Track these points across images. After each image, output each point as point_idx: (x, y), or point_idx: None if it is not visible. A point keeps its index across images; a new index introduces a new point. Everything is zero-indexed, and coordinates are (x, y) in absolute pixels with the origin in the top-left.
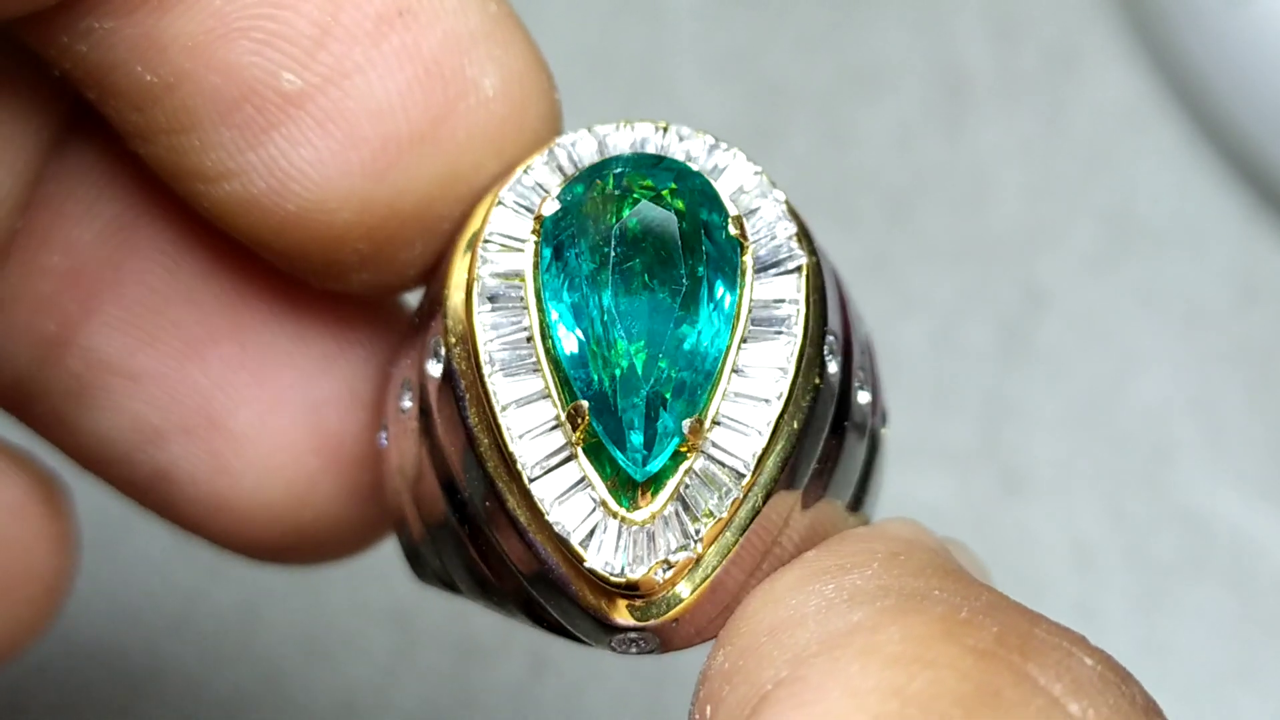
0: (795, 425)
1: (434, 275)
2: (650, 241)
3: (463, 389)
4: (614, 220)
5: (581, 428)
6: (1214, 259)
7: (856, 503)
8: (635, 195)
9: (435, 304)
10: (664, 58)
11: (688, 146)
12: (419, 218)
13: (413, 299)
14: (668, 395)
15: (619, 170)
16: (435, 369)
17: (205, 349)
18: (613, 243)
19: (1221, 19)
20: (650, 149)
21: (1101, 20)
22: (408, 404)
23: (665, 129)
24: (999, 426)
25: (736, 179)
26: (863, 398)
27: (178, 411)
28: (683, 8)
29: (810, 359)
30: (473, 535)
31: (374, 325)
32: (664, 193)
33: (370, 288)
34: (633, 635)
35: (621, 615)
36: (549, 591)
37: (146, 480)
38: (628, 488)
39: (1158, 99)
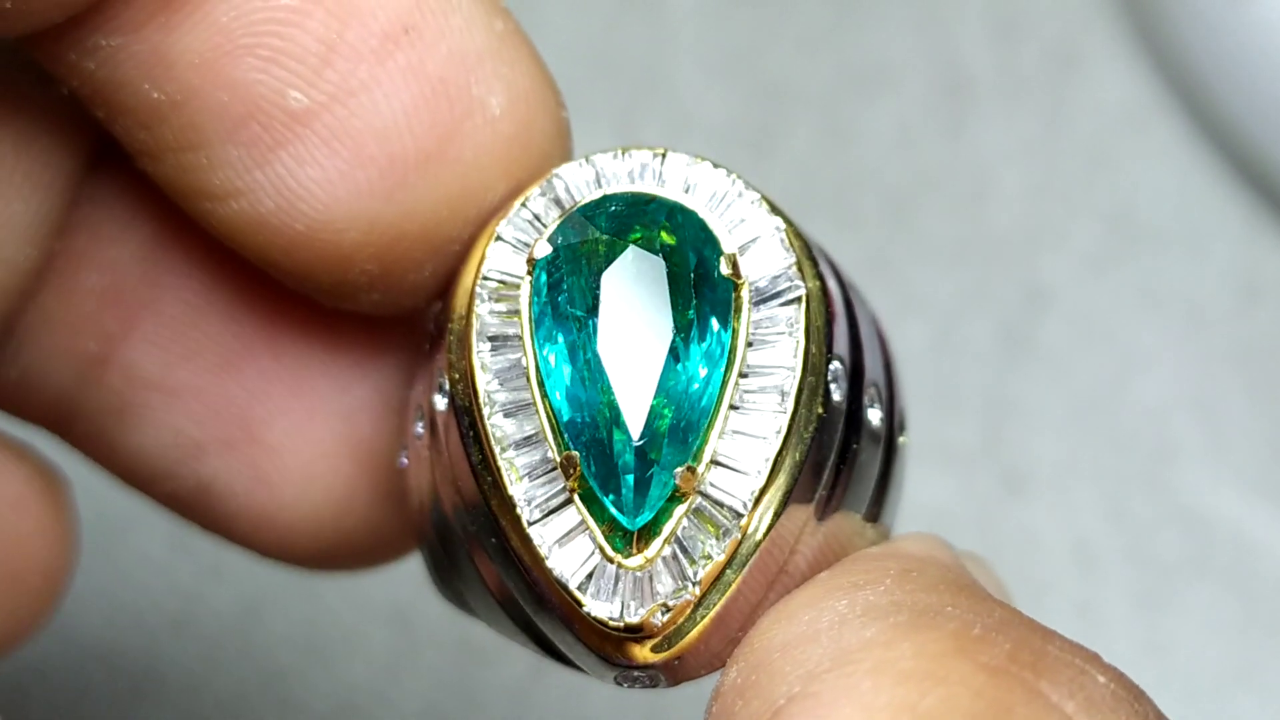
0: (797, 457)
1: (442, 303)
2: (641, 283)
3: (466, 425)
4: (604, 263)
5: (574, 476)
6: (1215, 259)
7: (874, 515)
8: (627, 238)
9: (439, 336)
10: (665, 58)
11: (686, 174)
12: (427, 238)
13: None
14: (663, 436)
15: (612, 209)
16: (441, 402)
17: (242, 361)
18: (603, 286)
19: (1223, 19)
20: (647, 176)
21: (1102, 20)
22: (420, 430)
23: (663, 155)
24: (1000, 426)
25: (736, 209)
26: (874, 416)
27: (217, 425)
28: (684, 8)
29: (812, 389)
30: (481, 567)
31: (405, 331)
32: (657, 232)
33: (381, 308)
34: (636, 673)
35: (623, 654)
36: (554, 627)
37: (190, 495)
38: (623, 532)
39: (1159, 99)
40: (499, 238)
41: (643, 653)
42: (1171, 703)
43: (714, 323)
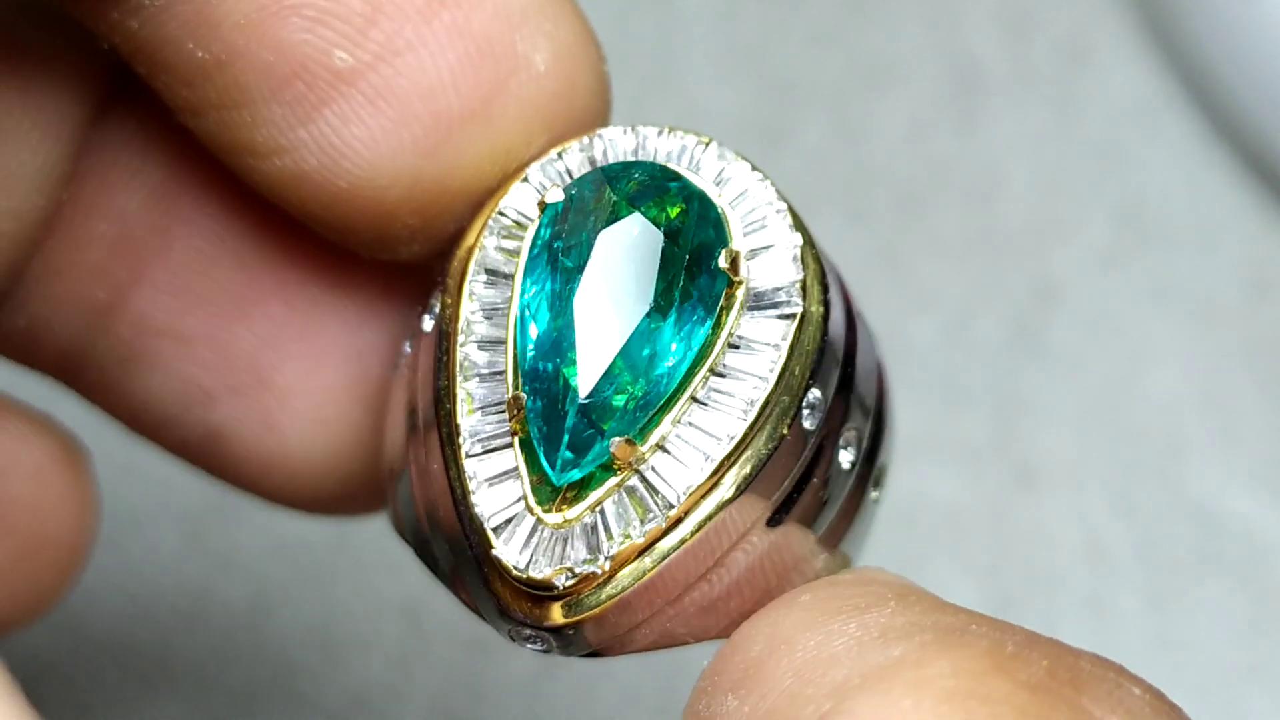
0: (747, 471)
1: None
2: (633, 254)
3: (443, 349)
4: (604, 224)
5: (517, 419)
6: (1226, 254)
7: (831, 543)
8: (637, 205)
9: (445, 261)
10: (675, 53)
11: (722, 166)
12: (469, 193)
13: None
14: (617, 406)
15: (636, 176)
16: (427, 323)
17: (252, 307)
18: (596, 246)
19: (1233, 14)
20: (684, 160)
21: (1113, 15)
22: (407, 349)
23: (708, 143)
24: (1011, 422)
25: (759, 213)
26: (845, 458)
27: (226, 371)
28: (694, 2)
29: (783, 408)
30: (421, 489)
31: (417, 273)
32: (670, 210)
33: (421, 259)
34: (528, 631)
35: (519, 608)
36: (466, 564)
37: (198, 441)
38: (551, 488)
39: (1169, 94)
40: (526, 179)
41: (543, 613)
42: (1182, 698)
43: (698, 312)
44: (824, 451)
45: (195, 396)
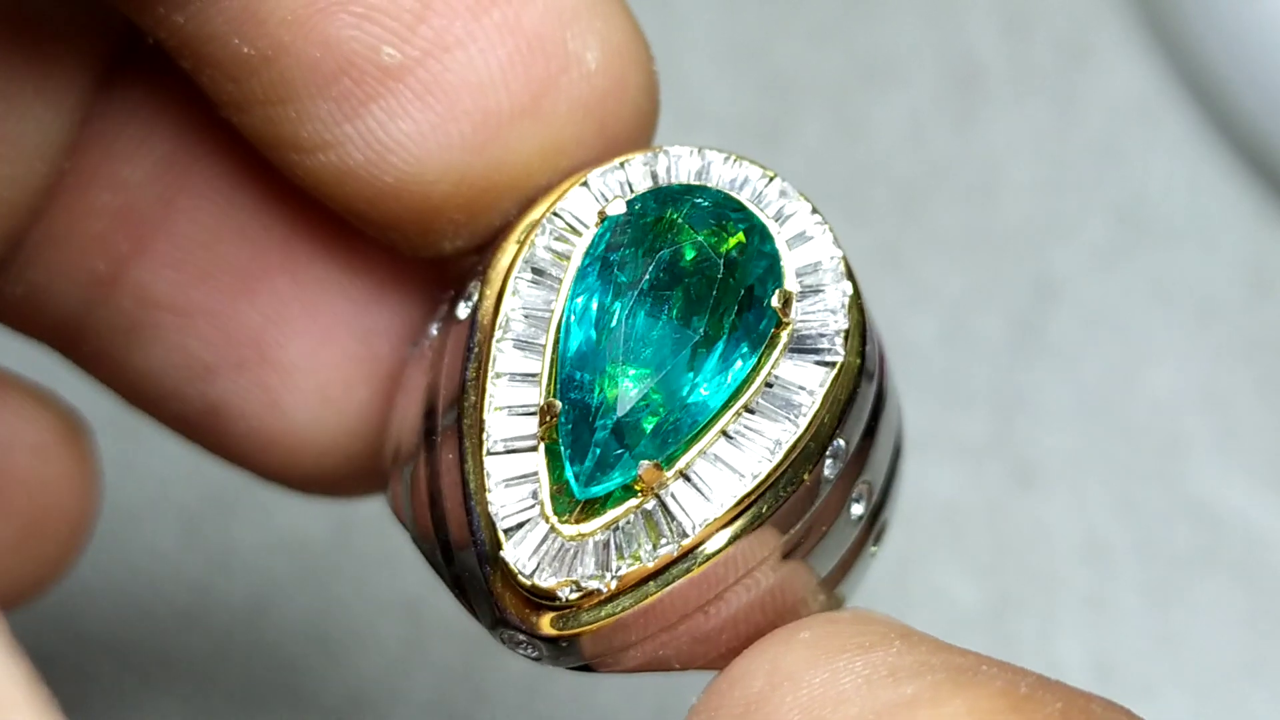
0: (763, 510)
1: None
2: (689, 280)
3: (475, 341)
4: (666, 246)
5: (548, 426)
6: (1225, 252)
7: (831, 583)
8: (699, 231)
9: (489, 252)
10: (675, 50)
11: (783, 204)
12: (517, 189)
13: None
14: (647, 428)
15: (699, 200)
16: (462, 311)
17: (257, 283)
18: (655, 266)
19: (1234, 12)
20: (746, 190)
21: (1113, 13)
22: (434, 331)
23: (772, 178)
24: (1011, 419)
25: (814, 254)
26: (855, 510)
27: (229, 346)
28: (693, 2)
29: (807, 454)
30: (430, 478)
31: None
32: (730, 240)
33: (462, 254)
34: (521, 637)
35: (516, 612)
36: (467, 560)
37: (198, 416)
38: (570, 499)
39: (1170, 92)
40: (586, 184)
41: (539, 621)
42: (1181, 696)
43: (743, 348)
44: (838, 500)
45: (196, 371)
